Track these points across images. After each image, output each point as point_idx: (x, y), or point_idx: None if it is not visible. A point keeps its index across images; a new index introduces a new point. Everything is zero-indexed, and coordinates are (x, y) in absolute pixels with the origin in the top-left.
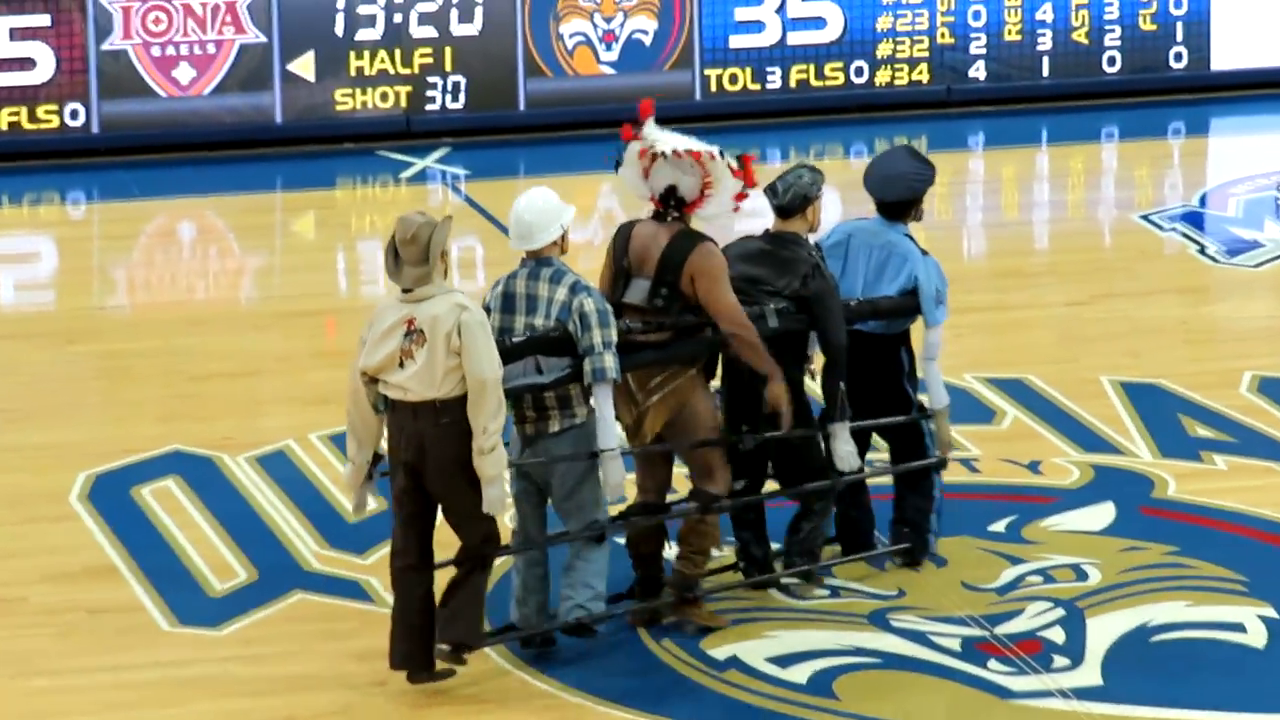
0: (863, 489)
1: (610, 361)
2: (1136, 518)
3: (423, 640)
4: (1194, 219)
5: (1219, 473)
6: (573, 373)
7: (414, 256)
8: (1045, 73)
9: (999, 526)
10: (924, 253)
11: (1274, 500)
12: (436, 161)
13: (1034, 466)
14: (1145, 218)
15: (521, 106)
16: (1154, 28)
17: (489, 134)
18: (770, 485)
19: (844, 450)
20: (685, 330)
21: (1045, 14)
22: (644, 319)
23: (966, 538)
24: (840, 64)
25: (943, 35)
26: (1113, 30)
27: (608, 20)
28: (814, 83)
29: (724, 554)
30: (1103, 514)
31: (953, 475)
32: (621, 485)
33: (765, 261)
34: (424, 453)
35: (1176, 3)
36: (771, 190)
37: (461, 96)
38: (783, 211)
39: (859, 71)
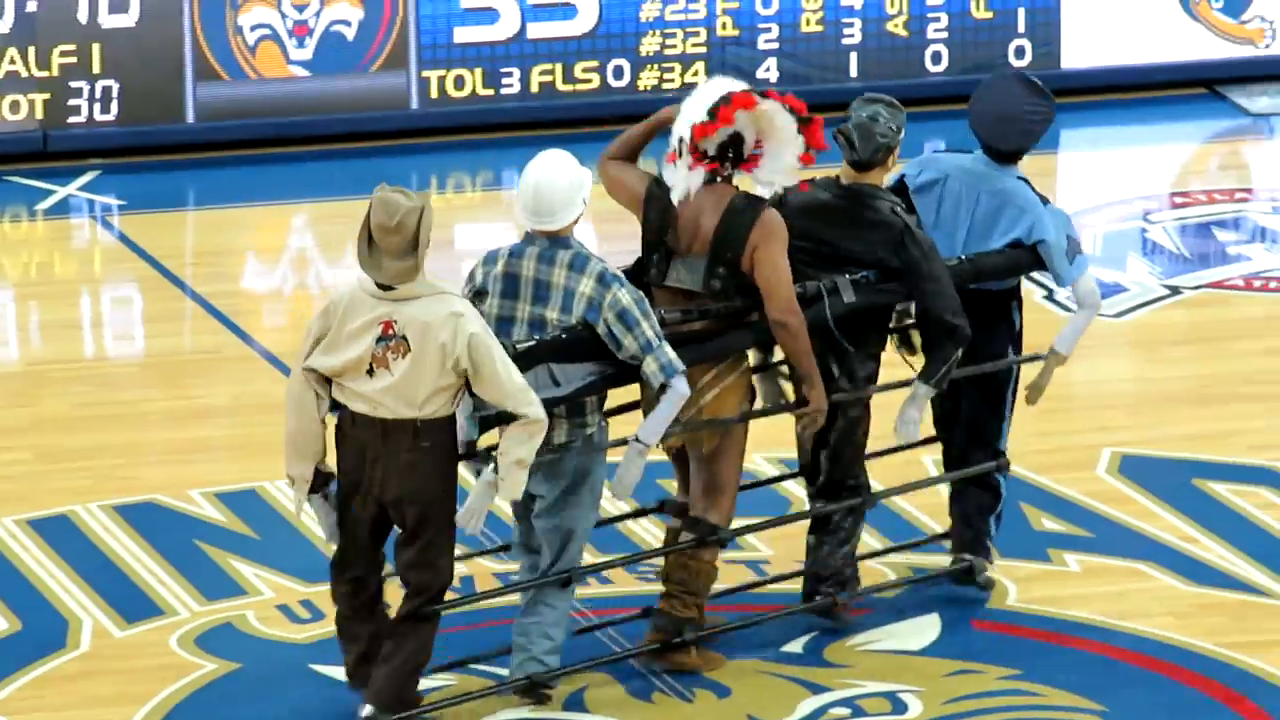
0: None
1: (673, 354)
2: (967, 633)
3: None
4: None
5: (1071, 575)
6: (598, 380)
7: (398, 248)
8: (853, 73)
9: (795, 646)
10: (1044, 200)
11: (1139, 609)
12: (81, 189)
13: None
14: None
15: (190, 118)
16: (989, 15)
17: (149, 153)
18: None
19: (913, 415)
20: (730, 316)
21: None
22: (684, 305)
23: (753, 660)
24: (594, 63)
25: (724, 26)
26: (937, 19)
27: (299, 9)
28: (561, 87)
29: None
30: (925, 629)
31: (731, 578)
32: (633, 487)
33: (841, 221)
34: (394, 481)
35: None
36: (846, 141)
37: (113, 106)
38: (861, 166)
39: (618, 73)
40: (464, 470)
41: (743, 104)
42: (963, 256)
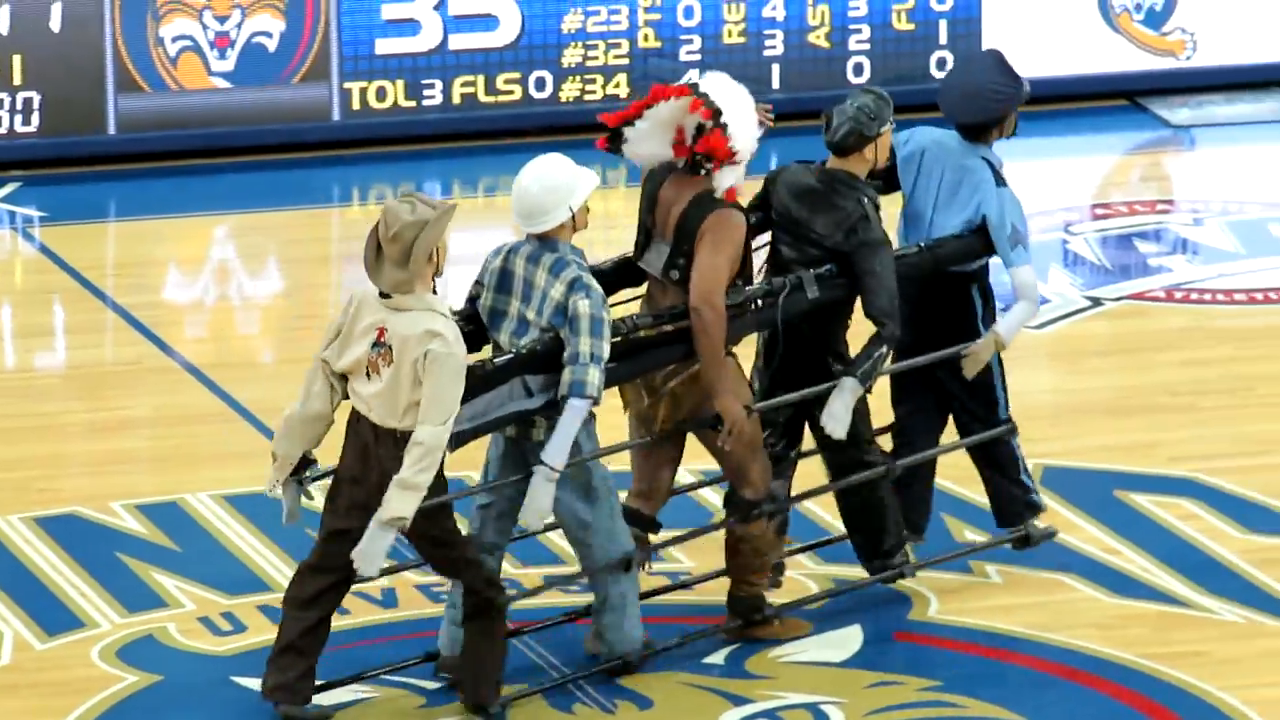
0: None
1: (594, 377)
2: (889, 645)
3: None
4: None
5: (993, 587)
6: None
7: (395, 256)
8: (775, 84)
9: (716, 658)
10: (1001, 183)
11: (1062, 620)
12: (2, 200)
13: None
14: None
15: (111, 130)
16: (911, 27)
17: (70, 165)
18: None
19: (839, 410)
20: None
21: (775, 10)
22: (659, 301)
23: (675, 673)
24: (516, 75)
25: (646, 38)
26: (859, 31)
27: (221, 20)
28: (483, 98)
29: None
30: (847, 640)
31: (650, 584)
32: (545, 515)
33: (811, 201)
34: (385, 483)
35: None
36: (825, 123)
37: (34, 118)
38: (836, 150)
39: (540, 84)
40: None
41: (663, 95)
42: (921, 244)
